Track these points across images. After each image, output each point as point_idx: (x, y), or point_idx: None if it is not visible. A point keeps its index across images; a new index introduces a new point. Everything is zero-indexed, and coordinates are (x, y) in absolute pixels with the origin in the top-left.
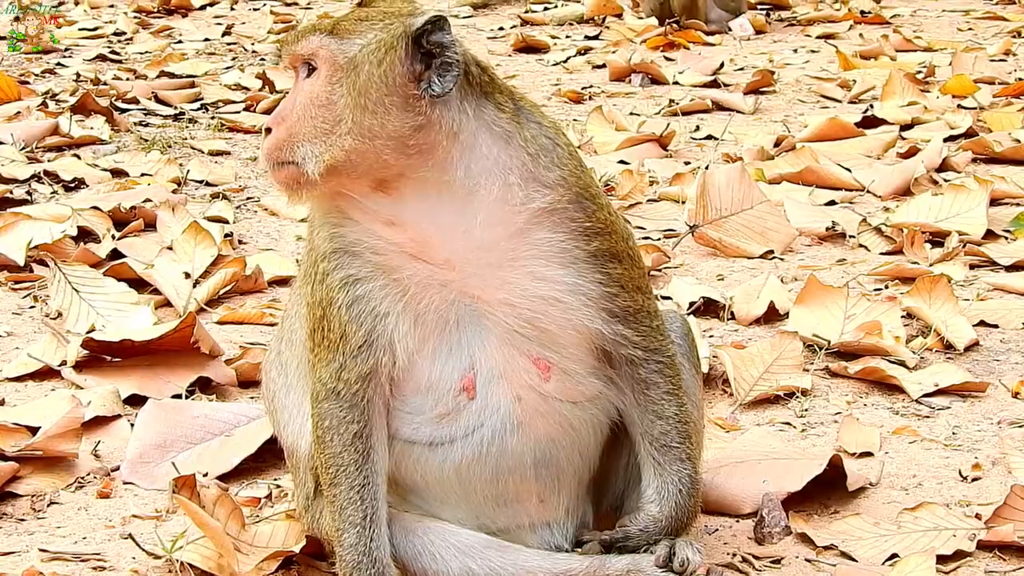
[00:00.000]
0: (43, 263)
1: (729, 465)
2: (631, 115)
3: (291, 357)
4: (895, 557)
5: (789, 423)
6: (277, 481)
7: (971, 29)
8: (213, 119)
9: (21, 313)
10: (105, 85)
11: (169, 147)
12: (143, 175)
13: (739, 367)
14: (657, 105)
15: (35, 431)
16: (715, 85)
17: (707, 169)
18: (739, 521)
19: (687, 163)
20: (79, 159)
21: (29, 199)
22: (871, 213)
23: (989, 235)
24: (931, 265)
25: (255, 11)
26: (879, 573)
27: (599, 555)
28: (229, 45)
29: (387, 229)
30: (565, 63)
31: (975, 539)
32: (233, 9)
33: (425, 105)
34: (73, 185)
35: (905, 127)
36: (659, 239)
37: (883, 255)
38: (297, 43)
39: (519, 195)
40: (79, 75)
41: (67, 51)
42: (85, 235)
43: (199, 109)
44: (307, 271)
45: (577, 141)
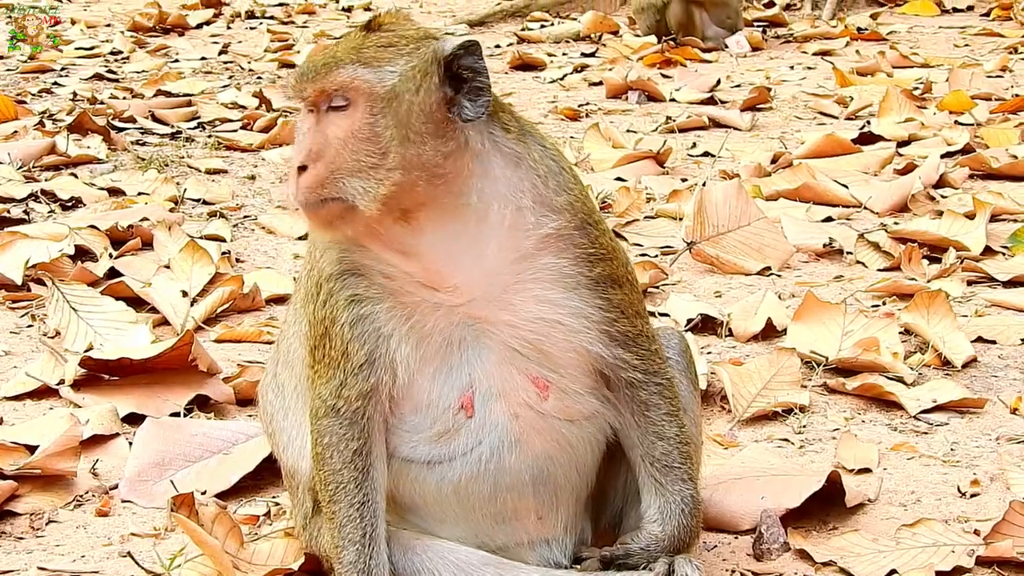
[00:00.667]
0: (41, 282)
1: (727, 481)
2: (628, 132)
3: (288, 379)
4: (894, 573)
5: (787, 439)
6: (275, 499)
7: (968, 45)
8: (210, 138)
9: (19, 332)
10: (102, 104)
11: (166, 166)
12: (140, 194)
13: (737, 384)
14: (654, 122)
15: (33, 449)
16: (712, 102)
17: (704, 186)
18: (738, 537)
19: (684, 180)
20: (76, 178)
21: (26, 218)
22: (868, 230)
23: (987, 251)
24: (929, 281)
25: (251, 30)
26: None
27: (598, 572)
28: (226, 64)
29: (400, 258)
30: (562, 80)
31: (974, 555)
32: (230, 28)
33: (456, 130)
34: (70, 204)
35: (902, 143)
36: (656, 256)
37: (881, 271)
38: (326, 76)
39: (530, 220)
40: (76, 94)
41: (63, 70)
42: (83, 254)
43: (196, 128)
44: (309, 291)
45: (574, 158)
